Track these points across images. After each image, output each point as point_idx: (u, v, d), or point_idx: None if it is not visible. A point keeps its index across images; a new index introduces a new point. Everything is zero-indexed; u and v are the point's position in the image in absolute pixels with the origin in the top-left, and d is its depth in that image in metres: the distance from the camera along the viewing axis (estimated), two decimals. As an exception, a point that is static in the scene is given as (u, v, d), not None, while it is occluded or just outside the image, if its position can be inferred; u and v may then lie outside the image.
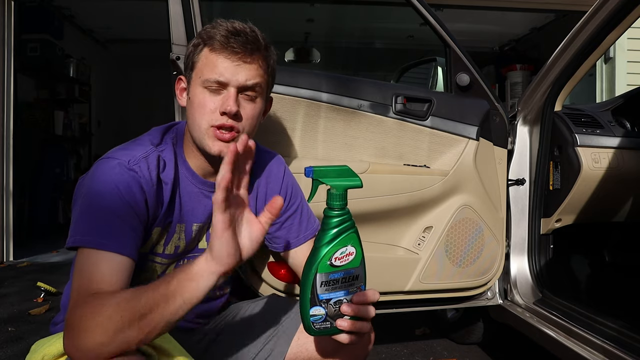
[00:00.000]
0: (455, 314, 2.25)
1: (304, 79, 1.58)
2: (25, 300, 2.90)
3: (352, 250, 0.92)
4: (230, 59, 1.02)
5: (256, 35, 1.05)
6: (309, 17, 5.60)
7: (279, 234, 1.26)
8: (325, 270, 0.91)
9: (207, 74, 1.03)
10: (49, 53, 5.11)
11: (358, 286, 0.93)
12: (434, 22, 1.68)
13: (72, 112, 6.00)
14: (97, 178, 1.00)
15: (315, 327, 0.93)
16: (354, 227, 0.92)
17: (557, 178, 1.88)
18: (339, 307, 0.92)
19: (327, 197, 0.91)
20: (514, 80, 5.71)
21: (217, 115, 1.03)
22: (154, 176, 1.04)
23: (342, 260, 0.91)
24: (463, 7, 4.76)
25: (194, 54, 1.06)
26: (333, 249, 0.90)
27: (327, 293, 0.92)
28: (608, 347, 1.37)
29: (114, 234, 0.95)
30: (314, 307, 0.92)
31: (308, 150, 1.60)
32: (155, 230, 1.07)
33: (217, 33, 1.03)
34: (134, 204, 0.99)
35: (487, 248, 1.74)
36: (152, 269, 1.11)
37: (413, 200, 1.65)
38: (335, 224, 0.91)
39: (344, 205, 0.91)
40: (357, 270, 0.93)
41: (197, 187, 1.12)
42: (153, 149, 1.07)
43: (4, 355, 2.10)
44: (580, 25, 1.62)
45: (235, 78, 1.03)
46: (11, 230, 4.10)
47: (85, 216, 0.97)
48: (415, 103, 1.68)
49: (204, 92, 1.04)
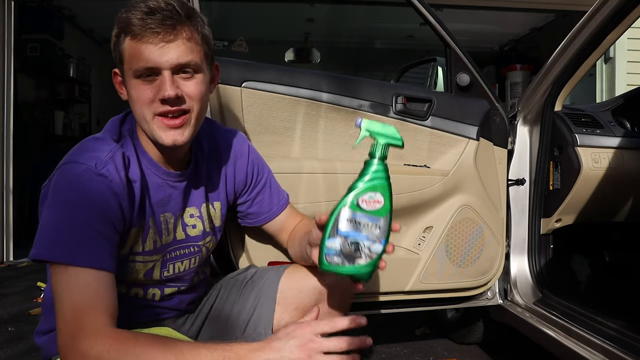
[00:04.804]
0: (455, 314, 2.25)
1: (304, 79, 1.58)
2: (25, 300, 2.90)
3: (380, 199, 0.95)
4: (152, 42, 0.95)
5: (173, 7, 0.96)
6: (309, 17, 5.60)
7: (252, 210, 1.28)
8: (352, 208, 0.94)
9: (135, 63, 0.96)
10: (49, 53, 5.10)
11: (379, 237, 0.96)
12: (434, 22, 1.68)
13: (72, 112, 5.99)
14: (64, 185, 0.95)
15: (326, 259, 0.96)
16: (387, 180, 0.96)
17: (557, 178, 1.88)
18: (353, 249, 0.95)
19: (370, 147, 0.97)
20: (514, 80, 5.72)
21: (157, 103, 0.98)
22: (123, 177, 0.98)
23: (368, 205, 0.94)
24: (463, 7, 4.76)
25: (118, 45, 0.99)
26: (363, 191, 0.95)
27: (347, 230, 0.94)
28: (608, 347, 1.36)
29: (89, 247, 0.91)
30: (331, 239, 0.95)
31: (308, 150, 1.60)
32: (133, 230, 1.03)
33: (133, 17, 0.95)
34: (107, 211, 0.95)
35: (488, 248, 1.74)
36: (135, 270, 1.08)
37: (413, 200, 1.65)
38: (371, 170, 0.96)
39: (382, 158, 0.96)
40: (382, 221, 0.96)
41: (160, 178, 1.08)
42: (116, 147, 1.01)
43: (4, 355, 2.10)
44: (580, 25, 1.62)
45: (165, 60, 0.95)
46: (11, 230, 4.10)
47: (55, 228, 0.92)
48: (416, 103, 1.68)
49: (138, 82, 0.98)
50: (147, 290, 1.12)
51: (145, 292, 1.12)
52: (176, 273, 1.14)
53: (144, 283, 1.11)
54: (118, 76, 1.05)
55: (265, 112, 1.53)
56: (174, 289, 1.16)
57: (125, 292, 1.09)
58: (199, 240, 1.17)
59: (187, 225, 1.14)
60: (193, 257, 1.17)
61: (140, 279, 1.09)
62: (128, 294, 1.10)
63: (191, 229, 1.15)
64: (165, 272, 1.12)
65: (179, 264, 1.14)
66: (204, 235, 1.18)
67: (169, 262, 1.13)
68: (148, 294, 1.12)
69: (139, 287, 1.11)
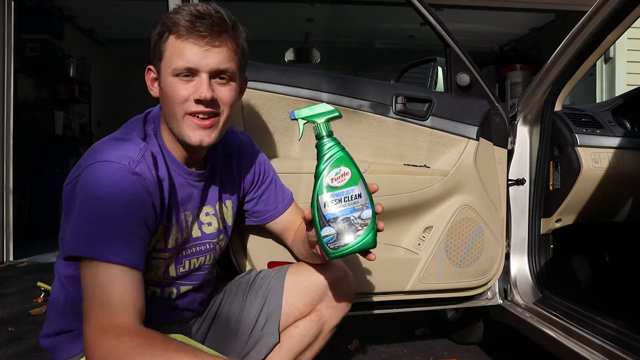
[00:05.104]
0: (455, 314, 2.25)
1: (304, 79, 1.58)
2: (25, 300, 2.90)
3: (347, 171, 0.99)
4: (197, 44, 0.99)
5: (222, 16, 1.02)
6: (309, 17, 5.60)
7: (258, 208, 1.30)
8: (327, 191, 0.97)
9: (175, 62, 1.00)
10: (49, 53, 5.10)
11: (363, 203, 0.98)
12: (434, 22, 1.68)
13: (72, 112, 5.99)
14: (97, 184, 0.94)
15: (330, 247, 0.98)
16: (343, 150, 1.00)
17: (557, 178, 1.88)
18: (347, 225, 0.97)
19: (314, 131, 1.01)
20: (514, 80, 5.72)
21: (191, 103, 1.01)
22: (154, 176, 1.01)
23: (339, 181, 0.98)
24: (463, 7, 4.76)
25: (160, 43, 1.02)
26: (328, 171, 0.98)
27: (333, 213, 0.97)
28: (608, 347, 1.36)
29: (123, 245, 0.91)
30: (324, 228, 0.98)
31: (308, 150, 1.60)
32: (160, 228, 1.06)
33: (181, 18, 0.99)
34: (141, 210, 0.96)
35: (487, 248, 1.74)
36: (156, 266, 1.10)
37: (413, 200, 1.65)
38: (325, 150, 0.99)
39: (329, 133, 1.01)
40: (358, 189, 0.98)
41: (183, 177, 1.11)
42: (145, 146, 1.03)
43: (4, 355, 2.10)
44: (580, 25, 1.62)
45: (205, 63, 1.00)
46: (11, 230, 4.10)
47: (90, 226, 0.92)
48: (416, 103, 1.69)
49: (175, 81, 1.01)
50: (164, 288, 1.14)
51: (162, 290, 1.14)
52: (191, 269, 1.17)
53: (161, 281, 1.13)
54: (152, 73, 1.08)
55: (265, 112, 1.54)
56: (189, 286, 1.18)
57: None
58: (213, 238, 1.20)
59: (203, 223, 1.18)
60: (208, 254, 1.20)
61: (159, 276, 1.11)
62: (146, 293, 1.10)
63: (207, 227, 1.18)
64: (181, 268, 1.15)
65: (195, 260, 1.17)
66: (219, 232, 1.22)
67: (184, 259, 1.15)
68: (165, 292, 1.14)
69: (157, 285, 1.13)
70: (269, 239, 1.46)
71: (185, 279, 1.17)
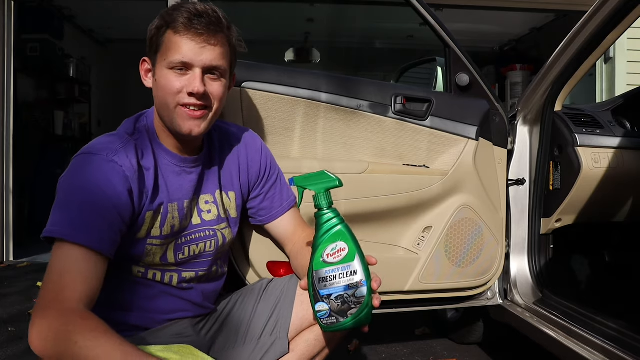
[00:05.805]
0: (455, 314, 2.25)
1: (304, 79, 1.58)
2: (25, 300, 2.90)
3: (344, 246, 0.95)
4: (194, 40, 1.04)
5: (218, 16, 1.08)
6: (309, 17, 5.60)
7: (264, 205, 1.31)
8: (320, 267, 0.95)
9: (172, 55, 1.05)
10: (49, 53, 5.10)
11: (359, 281, 0.96)
12: (434, 22, 1.68)
13: (72, 112, 5.99)
14: (74, 172, 1.02)
15: (322, 322, 0.97)
16: (342, 223, 0.96)
17: (557, 178, 1.88)
18: (340, 303, 0.95)
19: (314, 201, 0.97)
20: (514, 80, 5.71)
21: (184, 95, 1.06)
22: (134, 163, 1.06)
23: (334, 257, 0.95)
24: (463, 7, 4.76)
25: (157, 36, 1.08)
26: (323, 246, 0.95)
27: (327, 289, 0.95)
28: (608, 347, 1.36)
29: (87, 226, 0.97)
30: (318, 303, 0.96)
31: (308, 150, 1.60)
32: (148, 214, 1.09)
33: (180, 15, 1.05)
34: (113, 196, 1.01)
35: (487, 248, 1.74)
36: (152, 253, 1.12)
37: (412, 200, 1.65)
38: (323, 223, 0.96)
39: (329, 205, 0.97)
40: (354, 265, 0.95)
41: (177, 166, 1.15)
42: (129, 139, 1.09)
43: (4, 355, 2.10)
44: (580, 25, 1.62)
45: (200, 59, 1.05)
46: (11, 230, 4.10)
47: (62, 209, 0.99)
48: (415, 103, 1.69)
49: (169, 73, 1.06)
50: (165, 273, 1.16)
51: (162, 274, 1.16)
52: (190, 255, 1.19)
53: (160, 267, 1.15)
54: (147, 64, 1.13)
55: (264, 112, 1.54)
56: (192, 273, 1.19)
57: (143, 274, 1.13)
58: (213, 225, 1.22)
59: (203, 210, 1.20)
60: (208, 241, 1.21)
61: (156, 261, 1.14)
62: (146, 277, 1.14)
63: (206, 214, 1.21)
64: (180, 254, 1.17)
65: (194, 247, 1.19)
66: (219, 220, 1.23)
67: (184, 245, 1.17)
68: (165, 277, 1.16)
69: (157, 269, 1.15)
70: (268, 238, 1.46)
71: (185, 265, 1.19)
